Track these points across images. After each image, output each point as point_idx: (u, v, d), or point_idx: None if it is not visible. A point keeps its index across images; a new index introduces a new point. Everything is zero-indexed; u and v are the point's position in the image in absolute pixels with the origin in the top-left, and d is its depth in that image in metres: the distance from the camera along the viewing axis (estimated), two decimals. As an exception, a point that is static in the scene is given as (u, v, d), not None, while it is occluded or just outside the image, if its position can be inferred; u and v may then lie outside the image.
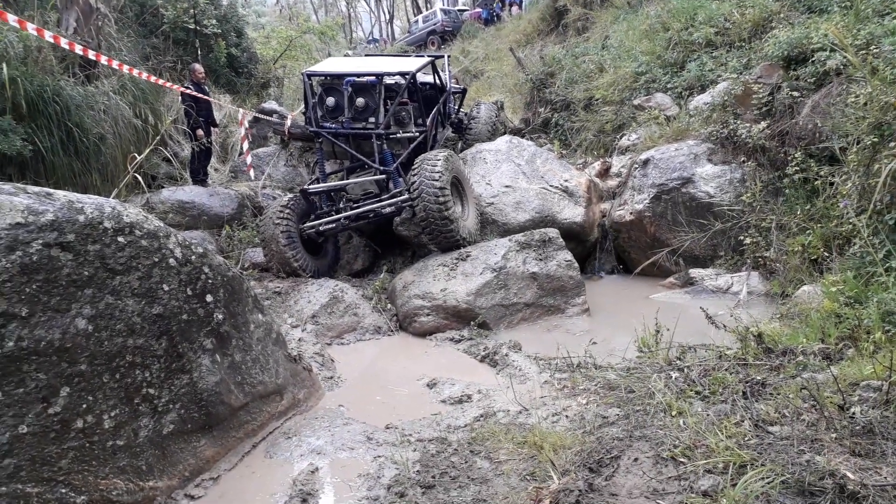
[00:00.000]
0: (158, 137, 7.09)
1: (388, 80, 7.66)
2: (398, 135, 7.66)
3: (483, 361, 5.09)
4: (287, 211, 7.22)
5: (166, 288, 3.39)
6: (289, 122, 10.08)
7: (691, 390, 3.54)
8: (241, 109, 10.64)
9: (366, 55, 10.13)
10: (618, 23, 12.91)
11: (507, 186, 8.11)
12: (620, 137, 9.54)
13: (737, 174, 7.30)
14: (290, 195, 7.71)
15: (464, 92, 10.90)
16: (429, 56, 8.55)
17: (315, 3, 46.92)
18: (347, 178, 7.97)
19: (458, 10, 31.47)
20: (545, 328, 6.00)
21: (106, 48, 9.90)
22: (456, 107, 10.40)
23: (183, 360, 3.37)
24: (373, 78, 7.34)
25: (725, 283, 6.85)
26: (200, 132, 9.26)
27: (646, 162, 7.85)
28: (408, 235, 8.28)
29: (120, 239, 3.23)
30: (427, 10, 34.39)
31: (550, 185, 8.22)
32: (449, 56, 10.26)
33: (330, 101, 7.40)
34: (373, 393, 4.59)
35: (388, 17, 44.37)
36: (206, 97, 9.34)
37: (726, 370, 3.74)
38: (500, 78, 17.33)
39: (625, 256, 8.24)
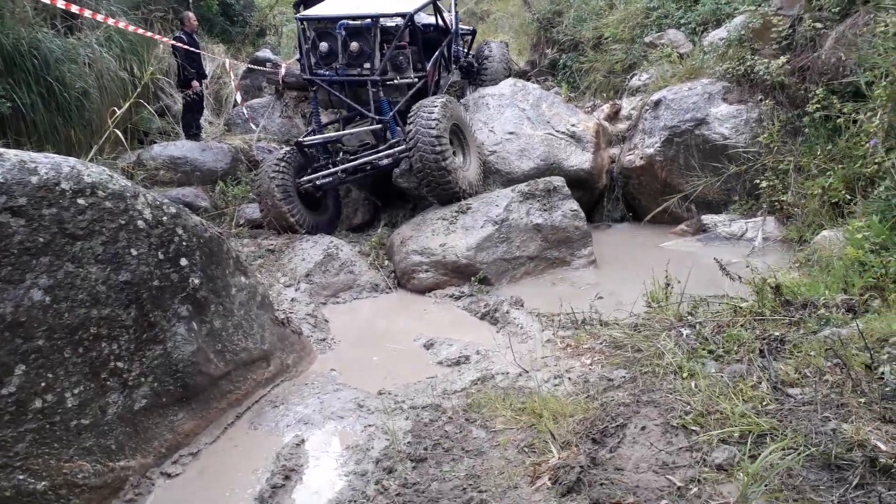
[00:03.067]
0: (139, 90, 6.72)
1: (385, 23, 7.17)
2: (395, 81, 7.17)
3: (483, 319, 4.85)
4: (283, 164, 6.89)
5: (134, 252, 3.14)
6: (283, 71, 9.66)
7: (704, 349, 3.28)
8: (227, 60, 10.20)
9: None
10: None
11: (510, 133, 7.73)
12: (631, 78, 9.06)
13: (753, 114, 6.88)
14: (286, 148, 7.37)
15: (473, 33, 10.38)
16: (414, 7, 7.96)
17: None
18: (344, 129, 7.59)
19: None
20: (550, 282, 5.73)
21: (91, -2, 9.48)
22: (465, 50, 9.92)
23: (155, 329, 3.14)
24: (367, 21, 6.83)
25: (739, 229, 6.53)
26: (195, 83, 8.91)
27: (657, 103, 7.43)
28: (408, 187, 7.95)
29: (80, 201, 2.96)
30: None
31: (556, 131, 7.82)
32: None
33: (323, 46, 6.93)
34: (367, 355, 4.38)
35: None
36: (196, 49, 8.94)
37: (741, 326, 3.47)
38: (507, 19, 16.63)
39: (635, 204, 7.89)
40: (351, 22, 6.87)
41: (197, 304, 3.40)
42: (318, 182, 6.99)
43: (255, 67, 10.54)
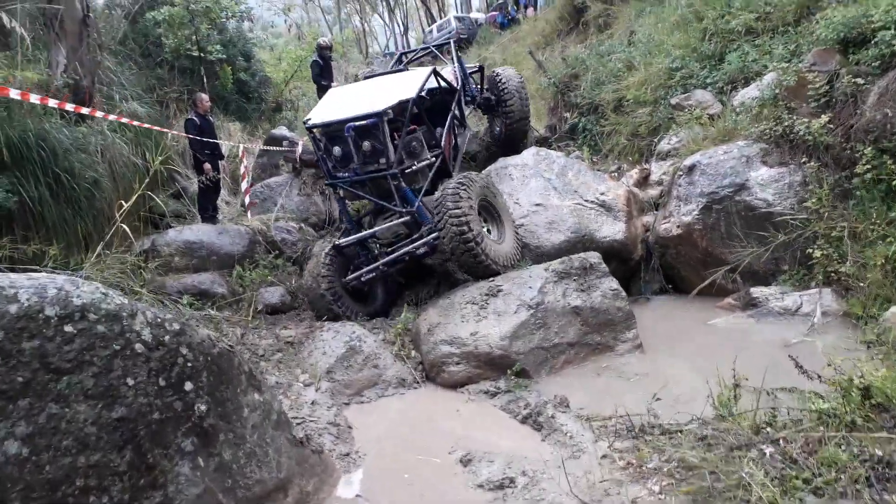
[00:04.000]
0: (147, 180, 6.49)
1: (391, 112, 6.96)
2: (414, 167, 7.06)
3: (525, 423, 4.34)
4: (326, 268, 6.93)
5: (131, 382, 2.74)
6: (300, 149, 9.48)
7: (797, 477, 2.76)
8: (241, 144, 10.06)
9: (365, 77, 9.41)
10: (643, 16, 12.06)
11: (537, 205, 7.37)
12: (659, 141, 8.72)
13: (797, 177, 6.45)
14: (326, 251, 7.18)
15: (481, 69, 10.26)
16: (429, 69, 7.86)
17: (329, 20, 46.80)
18: (375, 221, 7.49)
19: (472, 18, 30.82)
20: (594, 371, 5.23)
21: (106, 82, 9.45)
22: (477, 86, 9.87)
23: (154, 472, 2.70)
24: (373, 119, 6.66)
25: (794, 304, 6.00)
26: (208, 166, 8.72)
27: (691, 168, 7.04)
28: (432, 263, 7.62)
29: (67, 328, 2.59)
30: (441, 18, 33.82)
31: (585, 200, 7.45)
32: (456, 41, 9.48)
33: (336, 150, 6.91)
34: (397, 472, 3.88)
35: (402, 28, 43.92)
36: (209, 130, 8.82)
37: (835, 443, 2.95)
38: (521, 83, 16.58)
39: (673, 274, 7.42)
40: (358, 123, 6.71)
41: (204, 435, 2.96)
42: (362, 278, 6.98)
43: (269, 148, 10.38)
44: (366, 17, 47.60)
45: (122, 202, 5.82)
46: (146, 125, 7.70)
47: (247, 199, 9.34)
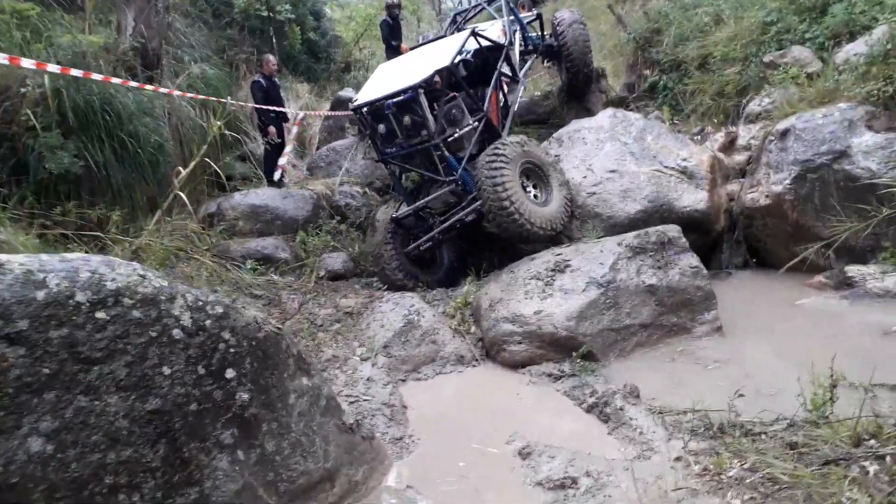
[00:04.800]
0: (205, 147, 6.40)
1: (427, 82, 6.85)
2: (456, 134, 6.98)
3: (591, 412, 4.03)
4: (390, 241, 7.02)
5: (167, 371, 2.60)
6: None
7: (908, 505, 2.37)
8: (298, 112, 9.85)
9: (418, 45, 9.21)
10: (734, -35, 11.09)
11: (611, 171, 6.90)
12: (748, 101, 8.00)
13: (908, 143, 5.75)
14: (387, 224, 7.24)
15: (539, 17, 10.04)
16: (466, 32, 7.68)
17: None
18: (429, 191, 7.44)
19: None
20: (667, 356, 4.83)
21: (176, 44, 9.45)
22: (538, 34, 9.76)
23: (190, 467, 2.57)
24: (409, 93, 6.68)
25: (895, 284, 5.40)
26: (272, 129, 8.63)
27: (784, 132, 6.40)
28: (497, 231, 7.31)
29: (99, 315, 2.45)
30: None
31: (665, 167, 6.92)
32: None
33: (381, 128, 7.05)
34: (451, 461, 3.67)
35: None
36: (275, 92, 8.70)
37: (956, 463, 2.53)
38: (598, 39, 15.71)
39: (759, 248, 6.85)
40: (395, 100, 6.82)
41: (245, 426, 2.81)
42: (421, 247, 7.06)
43: (333, 114, 10.17)
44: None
45: (181, 169, 5.72)
46: (201, 97, 7.55)
47: (283, 160, 9.01)
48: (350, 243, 7.92)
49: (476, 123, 7.13)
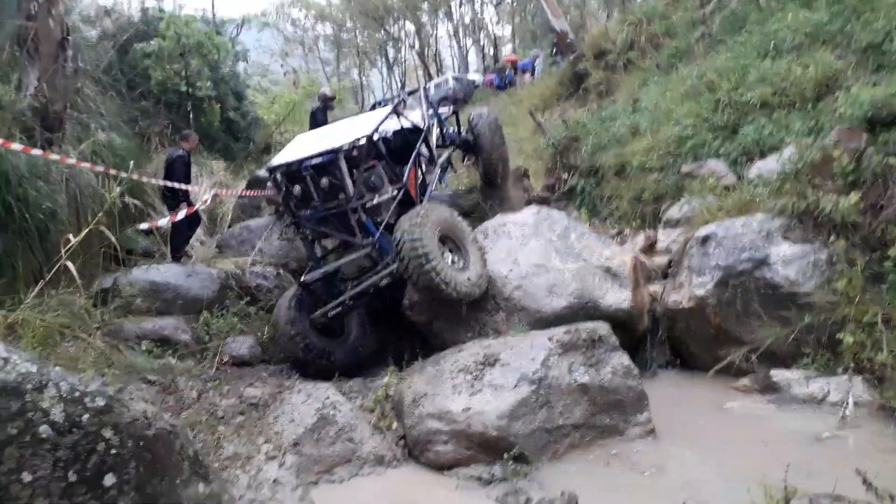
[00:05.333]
0: (99, 215, 5.83)
1: (348, 149, 6.97)
2: (375, 200, 7.04)
3: (526, 524, 3.64)
4: (294, 307, 6.73)
5: (28, 478, 2.06)
6: (284, 191, 8.88)
7: None
8: (210, 192, 9.41)
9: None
10: (647, 85, 11.85)
11: (537, 266, 6.78)
12: (667, 208, 8.26)
13: (822, 255, 5.94)
14: (293, 290, 7.03)
15: (455, 113, 10.41)
16: (390, 106, 8.01)
17: (328, 71, 47.14)
18: (343, 254, 7.29)
19: (469, 79, 31.01)
20: (601, 460, 4.54)
21: (84, 110, 8.90)
22: (454, 129, 9.98)
23: None
24: (330, 155, 6.70)
25: (820, 391, 5.41)
26: (185, 206, 8.16)
27: (706, 239, 6.53)
28: (418, 321, 7.01)
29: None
30: (439, 77, 34.01)
31: (589, 265, 6.89)
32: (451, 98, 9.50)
33: (296, 189, 6.92)
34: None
35: (400, 85, 44.26)
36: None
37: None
38: (517, 143, 16.29)
39: (681, 349, 6.83)
40: (313, 161, 6.76)
41: (124, 543, 2.26)
42: (329, 314, 6.84)
43: (247, 194, 9.78)
44: (364, 70, 48.06)
45: (70, 237, 5.13)
46: (98, 168, 7.00)
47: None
48: (259, 327, 7.34)
49: (396, 192, 7.19)
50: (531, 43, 35.26)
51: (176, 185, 8.26)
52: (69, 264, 5.04)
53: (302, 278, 7.10)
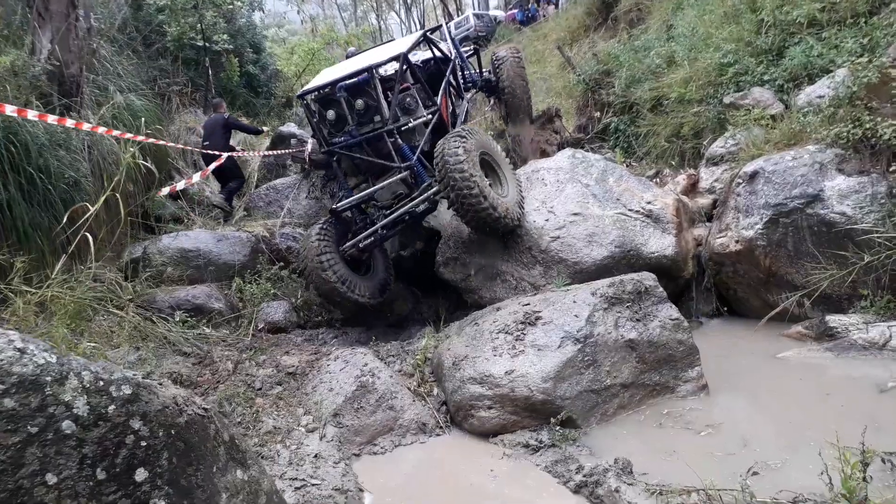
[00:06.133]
0: (116, 179, 5.64)
1: (383, 72, 6.99)
2: (410, 123, 6.81)
3: (579, 492, 3.47)
4: (323, 237, 6.54)
5: (53, 480, 1.92)
6: (309, 148, 8.66)
7: None
8: (241, 152, 9.36)
9: (360, 51, 9.28)
10: (682, 9, 11.15)
11: (574, 214, 6.50)
12: (710, 143, 7.82)
13: (881, 187, 5.54)
14: (322, 220, 6.87)
15: (476, 52, 10.16)
16: (419, 32, 7.87)
17: (345, 17, 46.11)
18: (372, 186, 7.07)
19: (491, 15, 29.99)
20: (653, 420, 4.34)
21: (101, 72, 8.68)
22: (476, 70, 9.84)
23: None
24: (364, 75, 6.60)
25: (881, 336, 5.10)
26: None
27: (753, 175, 6.15)
28: (452, 279, 6.83)
29: (-49, 408, 1.76)
30: (459, 15, 32.96)
31: (629, 210, 6.58)
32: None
33: (330, 114, 6.79)
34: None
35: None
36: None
37: None
38: (544, 81, 15.71)
39: (729, 295, 6.55)
40: (348, 82, 6.65)
41: (160, 547, 2.13)
42: (360, 245, 6.70)
43: (271, 153, 9.58)
44: (382, 14, 46.90)
45: (88, 206, 4.98)
46: (115, 133, 6.78)
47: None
48: (292, 291, 7.22)
49: (430, 116, 6.91)
50: (554, -27, 33.84)
51: (212, 151, 8.39)
52: (88, 236, 4.90)
53: (333, 206, 6.92)
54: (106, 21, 9.93)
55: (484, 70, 10.15)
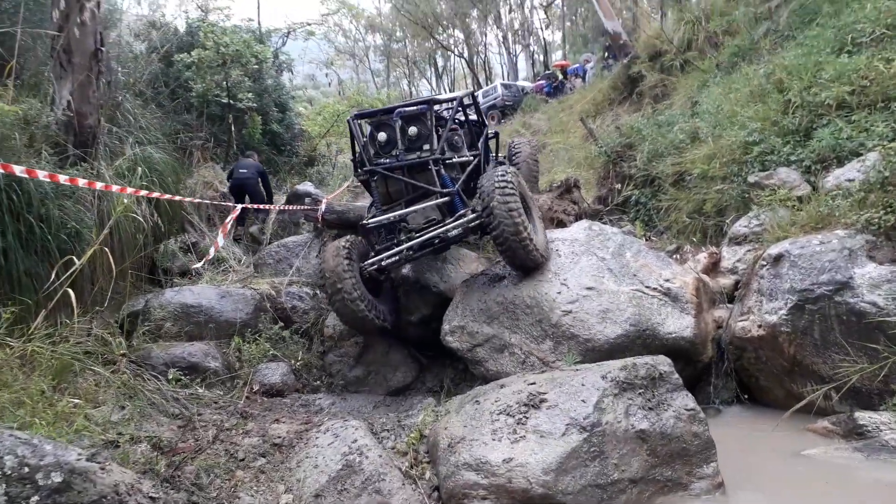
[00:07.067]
0: (105, 230, 5.53)
1: (437, 109, 7.45)
2: (454, 159, 7.31)
3: None
4: (346, 251, 6.60)
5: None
6: (323, 207, 8.56)
7: None
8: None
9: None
10: (707, 87, 11.11)
11: (588, 289, 6.24)
12: (734, 221, 7.56)
13: (915, 277, 5.22)
14: (343, 240, 6.88)
15: (497, 135, 10.14)
16: (461, 93, 8.18)
17: (378, 82, 47.32)
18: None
19: (519, 86, 30.50)
20: (664, 523, 3.96)
21: (124, 124, 8.77)
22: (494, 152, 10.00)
23: None
24: (423, 106, 7.10)
25: (915, 439, 4.70)
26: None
27: (778, 258, 5.85)
28: (458, 348, 6.54)
29: None
30: (487, 85, 33.58)
31: (647, 287, 6.30)
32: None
33: (381, 136, 7.07)
34: None
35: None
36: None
37: None
38: (567, 151, 15.69)
39: (750, 382, 6.15)
40: (407, 109, 7.12)
41: None
42: (383, 262, 6.78)
43: (287, 208, 9.52)
44: (413, 81, 48.08)
45: (74, 259, 4.84)
46: (114, 187, 6.71)
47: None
48: (292, 353, 6.98)
49: (472, 158, 7.49)
50: (582, 47, 34.63)
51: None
52: (70, 291, 4.73)
53: (363, 221, 7.12)
54: (134, 75, 10.11)
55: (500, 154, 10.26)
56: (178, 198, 7.86)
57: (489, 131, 10.18)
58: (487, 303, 6.52)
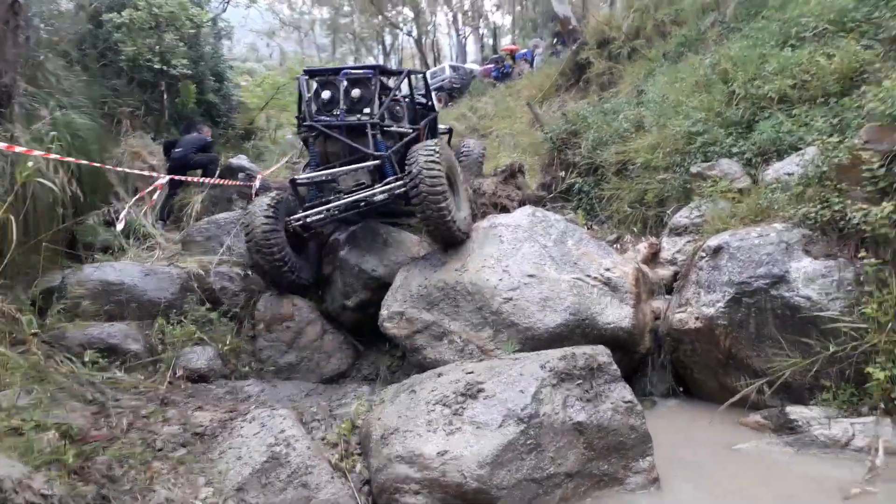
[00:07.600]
0: (10, 199, 5.10)
1: (383, 78, 7.64)
2: (392, 128, 7.45)
3: None
4: (273, 206, 6.81)
5: None
6: (258, 184, 8.18)
7: None
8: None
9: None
10: (654, 76, 11.15)
11: (530, 276, 6.13)
12: (674, 212, 7.59)
13: (848, 273, 5.29)
14: (270, 195, 7.10)
15: (450, 131, 10.26)
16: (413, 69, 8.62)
17: (323, 57, 46.23)
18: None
19: (467, 68, 30.28)
20: (598, 518, 3.89)
21: (43, 85, 8.17)
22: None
23: None
24: (370, 71, 7.33)
25: (844, 434, 4.77)
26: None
27: (717, 250, 5.87)
28: (396, 335, 6.36)
29: None
30: (435, 66, 33.22)
31: (587, 276, 6.24)
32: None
33: (325, 94, 7.25)
34: None
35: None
36: None
37: None
38: (512, 136, 15.60)
39: (686, 375, 6.18)
40: (353, 72, 7.34)
41: None
42: (308, 219, 6.95)
43: (220, 182, 9.06)
44: (360, 58, 47.17)
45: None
46: (19, 149, 6.20)
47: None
48: (220, 336, 6.62)
49: (411, 131, 7.59)
50: (532, 32, 34.58)
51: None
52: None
53: (294, 177, 7.27)
54: (58, 33, 9.42)
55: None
56: (97, 164, 7.33)
57: (443, 128, 10.03)
58: (428, 288, 6.34)
